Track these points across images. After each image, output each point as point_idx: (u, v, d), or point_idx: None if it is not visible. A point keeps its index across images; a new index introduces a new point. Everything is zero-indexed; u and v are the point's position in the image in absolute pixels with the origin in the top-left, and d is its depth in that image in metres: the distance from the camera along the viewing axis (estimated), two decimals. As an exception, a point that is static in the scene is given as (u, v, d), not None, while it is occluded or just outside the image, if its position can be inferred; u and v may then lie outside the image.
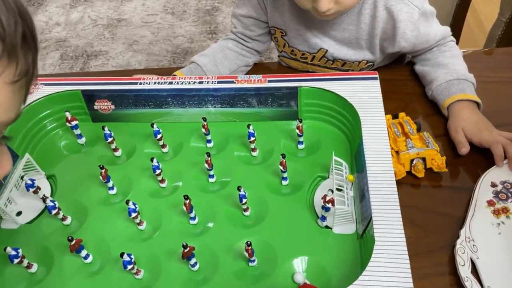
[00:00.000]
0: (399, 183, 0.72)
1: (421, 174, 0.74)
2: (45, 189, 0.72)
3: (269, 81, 0.75)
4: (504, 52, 1.06)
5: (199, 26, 2.51)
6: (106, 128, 0.73)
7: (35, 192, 0.68)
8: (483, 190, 0.71)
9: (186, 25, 2.50)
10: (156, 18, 2.54)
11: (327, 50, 0.89)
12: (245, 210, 0.67)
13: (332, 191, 0.62)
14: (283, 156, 0.67)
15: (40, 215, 0.70)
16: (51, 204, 0.65)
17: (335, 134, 0.76)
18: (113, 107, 0.79)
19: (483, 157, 0.76)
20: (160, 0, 2.66)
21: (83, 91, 0.77)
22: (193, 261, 0.61)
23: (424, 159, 0.75)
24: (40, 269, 0.64)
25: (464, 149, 0.75)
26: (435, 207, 0.71)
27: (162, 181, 0.71)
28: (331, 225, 0.65)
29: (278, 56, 0.98)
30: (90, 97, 0.78)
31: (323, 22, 0.85)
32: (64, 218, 0.67)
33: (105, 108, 0.79)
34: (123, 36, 2.42)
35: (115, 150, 0.76)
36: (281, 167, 0.68)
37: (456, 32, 1.35)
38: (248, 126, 0.71)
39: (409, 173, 0.75)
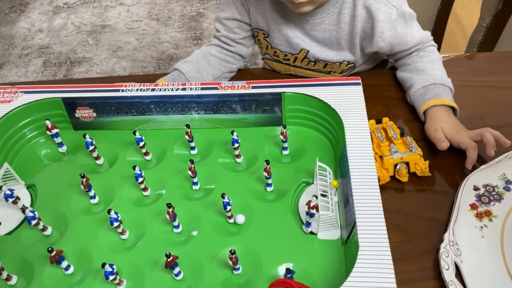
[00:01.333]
0: (383, 187, 0.72)
1: (404, 179, 0.74)
2: (25, 199, 0.70)
3: (252, 87, 0.75)
4: (484, 57, 1.07)
5: (184, 32, 2.50)
6: (87, 136, 0.72)
7: (14, 202, 0.66)
8: (466, 194, 0.71)
9: (171, 31, 2.50)
10: (141, 24, 2.53)
11: (308, 51, 0.89)
12: (230, 217, 0.66)
13: (316, 197, 0.61)
14: (267, 162, 0.67)
15: (19, 226, 0.68)
16: (31, 214, 0.64)
17: (319, 139, 0.76)
18: (94, 114, 0.78)
19: (465, 161, 0.76)
20: (144, 7, 2.65)
21: (63, 98, 0.76)
22: (176, 270, 0.60)
23: (407, 164, 0.75)
24: (20, 281, 0.62)
25: (444, 143, 0.75)
26: (419, 211, 0.71)
27: (145, 189, 0.70)
28: (316, 231, 0.64)
29: (262, 58, 0.99)
30: (71, 104, 0.77)
31: (303, 22, 0.86)
32: (44, 229, 0.66)
33: (86, 116, 0.78)
34: (107, 43, 2.41)
35: (97, 158, 0.74)
36: (265, 174, 0.68)
37: (438, 37, 1.37)
38: (232, 133, 0.71)
39: (393, 177, 0.75)
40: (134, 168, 0.67)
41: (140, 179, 0.68)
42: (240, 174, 0.73)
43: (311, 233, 0.65)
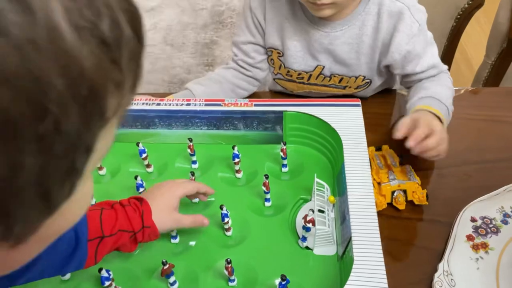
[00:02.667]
0: (379, 214, 0.71)
1: (401, 206, 0.74)
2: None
3: (255, 105, 0.77)
4: (488, 92, 1.09)
5: (197, 58, 2.55)
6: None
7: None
8: (463, 225, 0.71)
9: (184, 57, 2.55)
10: (155, 49, 2.59)
11: (324, 67, 0.89)
12: (227, 230, 0.67)
13: (313, 211, 0.62)
14: (266, 177, 0.68)
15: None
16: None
17: (318, 158, 0.77)
18: (101, 126, 0.80)
19: (463, 192, 0.76)
20: (160, 32, 2.72)
21: (72, 110, 0.78)
22: (172, 279, 0.61)
23: (405, 192, 0.75)
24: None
25: (398, 133, 0.71)
26: (415, 240, 0.71)
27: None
28: (312, 246, 0.65)
29: (274, 79, 0.98)
30: (79, 116, 0.79)
31: (323, 36, 0.85)
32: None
33: (93, 127, 0.80)
34: (120, 66, 2.46)
35: (100, 168, 0.76)
36: (264, 188, 0.69)
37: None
38: (233, 148, 0.72)
39: (390, 205, 0.75)
40: (136, 178, 0.69)
41: (141, 190, 0.69)
42: (239, 188, 0.74)
43: (307, 248, 0.65)
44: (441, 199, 0.76)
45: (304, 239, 0.65)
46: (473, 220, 0.71)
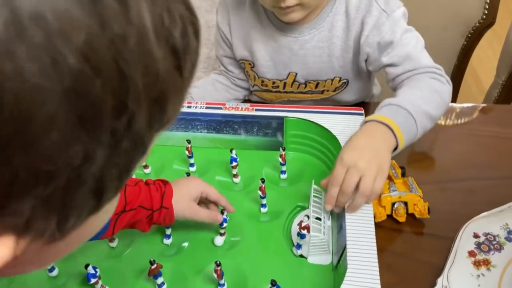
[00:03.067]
0: (378, 225, 0.69)
1: (402, 219, 0.72)
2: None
3: (256, 110, 0.76)
4: (497, 109, 1.07)
5: (208, 72, 2.57)
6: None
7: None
8: (465, 240, 0.69)
9: (196, 71, 2.57)
10: None
11: (296, 73, 0.86)
12: (222, 234, 0.66)
13: (308, 217, 0.60)
14: (263, 181, 0.67)
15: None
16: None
17: (318, 166, 0.76)
18: (101, 126, 0.79)
19: (466, 207, 0.74)
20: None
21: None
22: (160, 280, 0.59)
23: (406, 204, 0.73)
24: (3, 279, 0.62)
25: (329, 206, 0.63)
26: (414, 253, 0.68)
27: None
28: (306, 255, 0.63)
29: (251, 91, 0.95)
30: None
31: (292, 42, 0.82)
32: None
33: (93, 126, 0.79)
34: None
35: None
36: (260, 192, 0.67)
37: (455, 90, 1.37)
38: (231, 151, 0.71)
39: (390, 217, 0.73)
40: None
41: (136, 189, 0.68)
42: (236, 193, 0.73)
43: (301, 256, 0.63)
44: (443, 213, 0.73)
45: (298, 246, 0.63)
46: (475, 236, 0.69)
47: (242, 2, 0.85)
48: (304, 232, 0.60)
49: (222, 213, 0.64)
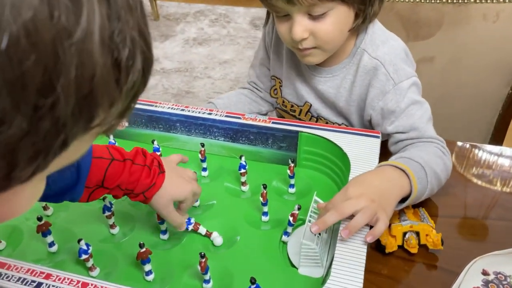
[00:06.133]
0: (389, 255, 0.67)
1: (414, 250, 0.68)
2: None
3: (273, 123, 0.77)
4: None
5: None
6: (111, 137, 0.78)
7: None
8: (472, 276, 0.64)
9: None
10: (212, 99, 2.71)
11: (311, 105, 0.88)
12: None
13: (300, 208, 0.62)
14: (264, 186, 0.67)
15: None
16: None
17: (328, 184, 0.75)
18: (126, 124, 0.84)
19: (479, 246, 0.69)
20: (228, 82, 2.85)
21: (104, 105, 0.83)
22: (147, 267, 0.60)
23: (418, 234, 0.69)
24: (7, 248, 0.65)
25: (315, 227, 0.59)
26: (418, 285, 0.65)
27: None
28: (297, 265, 0.61)
29: (275, 108, 0.98)
30: (109, 111, 0.84)
31: (311, 76, 0.85)
32: (46, 208, 0.70)
33: (119, 124, 0.84)
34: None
35: (116, 161, 0.79)
36: (261, 199, 0.67)
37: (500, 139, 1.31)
38: (240, 157, 0.72)
39: (401, 248, 0.70)
40: (152, 142, 0.74)
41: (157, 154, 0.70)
42: (241, 200, 0.73)
43: (293, 266, 0.62)
44: (454, 248, 0.69)
45: (286, 233, 0.64)
46: (485, 273, 0.64)
47: None
48: (291, 219, 0.61)
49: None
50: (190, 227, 0.66)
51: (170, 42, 3.14)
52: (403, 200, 0.65)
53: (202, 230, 0.67)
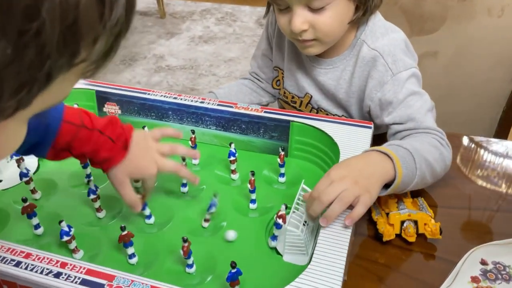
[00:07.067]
0: (387, 243, 0.66)
1: (412, 239, 0.68)
2: (32, 166, 0.76)
3: (265, 112, 0.77)
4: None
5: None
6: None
7: (18, 161, 0.71)
8: (470, 265, 0.63)
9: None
10: (213, 88, 2.71)
11: (312, 96, 0.88)
12: (206, 220, 0.65)
13: (287, 207, 0.59)
14: (252, 173, 0.66)
15: (16, 186, 0.73)
16: (24, 171, 0.68)
17: (318, 174, 0.74)
18: (119, 112, 0.83)
19: (479, 236, 0.68)
20: (233, 80, 2.85)
21: (97, 91, 0.83)
22: (130, 250, 0.60)
23: (416, 223, 0.69)
24: (-8, 230, 0.65)
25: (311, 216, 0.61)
26: (420, 274, 0.63)
27: (136, 180, 0.72)
28: (282, 252, 0.60)
29: (278, 98, 0.99)
30: (102, 98, 0.84)
31: (312, 68, 0.85)
32: (34, 191, 0.70)
33: (112, 111, 0.84)
34: (190, 103, 2.59)
35: (107, 147, 0.79)
36: (249, 185, 0.67)
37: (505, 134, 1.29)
38: (230, 145, 0.72)
39: (399, 237, 0.69)
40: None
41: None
42: (231, 188, 0.73)
43: (278, 253, 0.61)
44: (452, 237, 0.68)
45: (274, 237, 0.61)
46: (483, 262, 0.63)
47: None
48: (280, 221, 0.59)
49: (214, 196, 0.63)
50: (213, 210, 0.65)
51: (176, 39, 3.15)
52: (389, 186, 0.64)
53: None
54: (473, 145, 0.88)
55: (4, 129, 0.29)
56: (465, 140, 0.88)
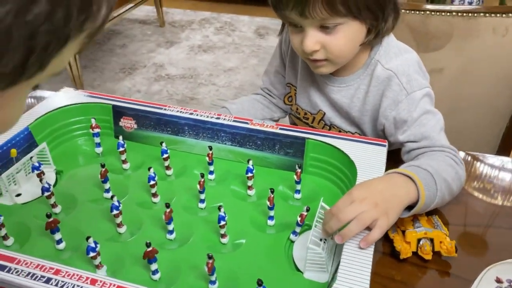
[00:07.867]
0: (404, 261, 0.67)
1: (428, 256, 0.69)
2: (50, 180, 0.76)
3: (280, 129, 0.78)
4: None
5: (262, 117, 2.64)
6: (120, 138, 0.78)
7: (39, 175, 0.72)
8: (485, 283, 0.65)
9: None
10: (225, 103, 2.73)
11: (325, 113, 0.89)
12: (223, 236, 0.66)
13: (308, 210, 0.64)
14: (272, 191, 0.68)
15: (35, 200, 0.73)
16: (46, 186, 0.69)
17: (333, 191, 0.75)
18: (135, 126, 0.84)
19: (494, 255, 0.69)
20: (232, 90, 2.87)
21: (114, 106, 0.84)
22: (154, 266, 0.60)
23: (432, 241, 0.70)
24: (15, 244, 0.66)
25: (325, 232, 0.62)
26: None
27: (155, 195, 0.73)
28: (303, 269, 0.62)
29: (289, 114, 1.00)
30: (118, 113, 0.85)
31: (324, 85, 0.87)
32: (54, 205, 0.71)
33: (128, 126, 0.85)
34: (190, 112, 2.60)
35: (124, 162, 0.80)
36: (268, 203, 0.68)
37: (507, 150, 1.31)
38: (248, 161, 0.73)
39: (415, 254, 0.70)
40: (149, 169, 0.71)
41: (152, 182, 0.71)
42: (247, 204, 0.74)
43: (298, 270, 0.62)
44: (467, 255, 0.70)
45: (294, 233, 0.66)
46: (498, 281, 0.65)
47: None
48: (299, 219, 0.64)
49: (219, 209, 0.64)
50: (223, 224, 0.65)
51: (175, 48, 3.16)
52: (411, 208, 0.66)
53: None
54: (480, 161, 0.90)
55: (16, 95, 0.31)
56: (472, 156, 0.90)
